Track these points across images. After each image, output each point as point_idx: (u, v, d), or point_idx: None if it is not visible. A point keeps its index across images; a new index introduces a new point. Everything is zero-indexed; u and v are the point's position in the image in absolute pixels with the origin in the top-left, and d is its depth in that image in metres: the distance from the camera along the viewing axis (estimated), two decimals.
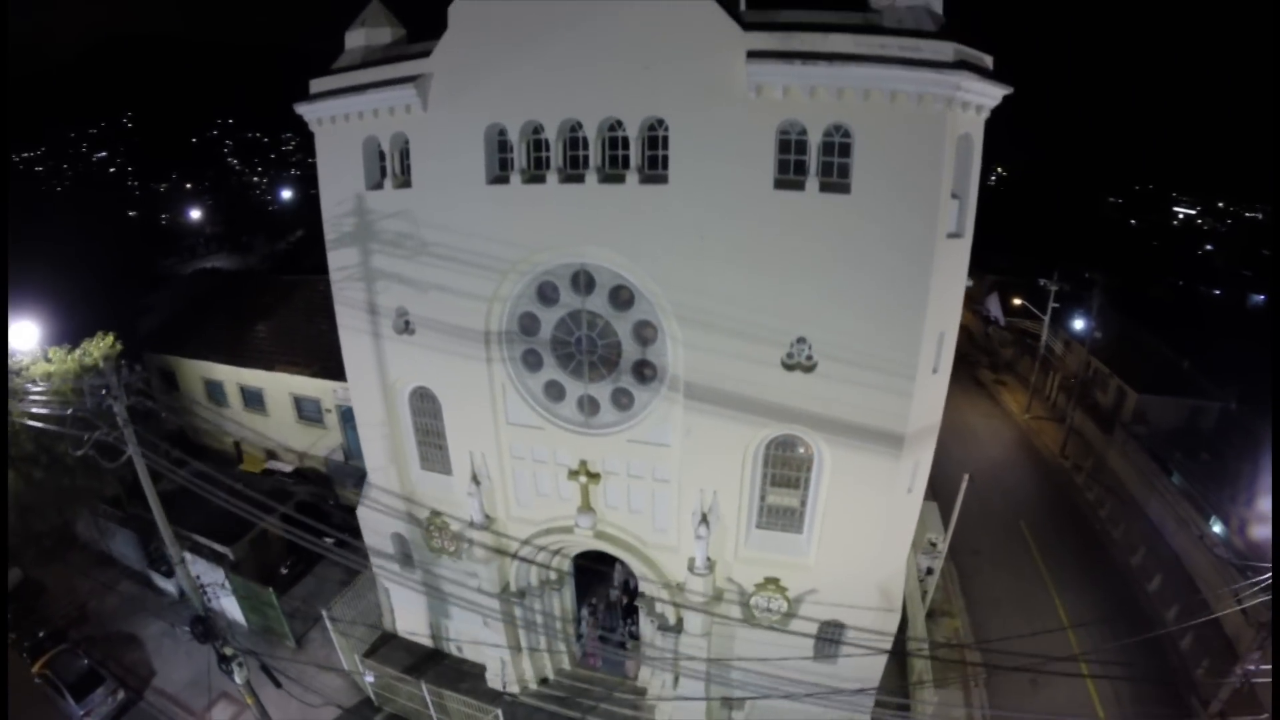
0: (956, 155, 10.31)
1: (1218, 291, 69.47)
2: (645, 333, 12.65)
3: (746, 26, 10.10)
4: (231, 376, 25.50)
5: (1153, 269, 72.50)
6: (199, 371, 26.49)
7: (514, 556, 15.49)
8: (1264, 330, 58.51)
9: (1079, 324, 31.87)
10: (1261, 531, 22.38)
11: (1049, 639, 21.08)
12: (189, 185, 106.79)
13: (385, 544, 17.38)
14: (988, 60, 10.38)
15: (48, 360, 21.16)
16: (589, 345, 13.11)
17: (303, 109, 13.23)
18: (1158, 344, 35.75)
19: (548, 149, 11.80)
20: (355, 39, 13.37)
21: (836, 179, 10.61)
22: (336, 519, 23.23)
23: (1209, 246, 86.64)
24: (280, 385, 24.51)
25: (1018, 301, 33.58)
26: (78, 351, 21.58)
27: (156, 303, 41.24)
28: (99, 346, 21.96)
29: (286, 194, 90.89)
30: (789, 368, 11.70)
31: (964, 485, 17.76)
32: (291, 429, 25.19)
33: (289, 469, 25.67)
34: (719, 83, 10.25)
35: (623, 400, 13.45)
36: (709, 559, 13.67)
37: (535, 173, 12.01)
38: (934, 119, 9.79)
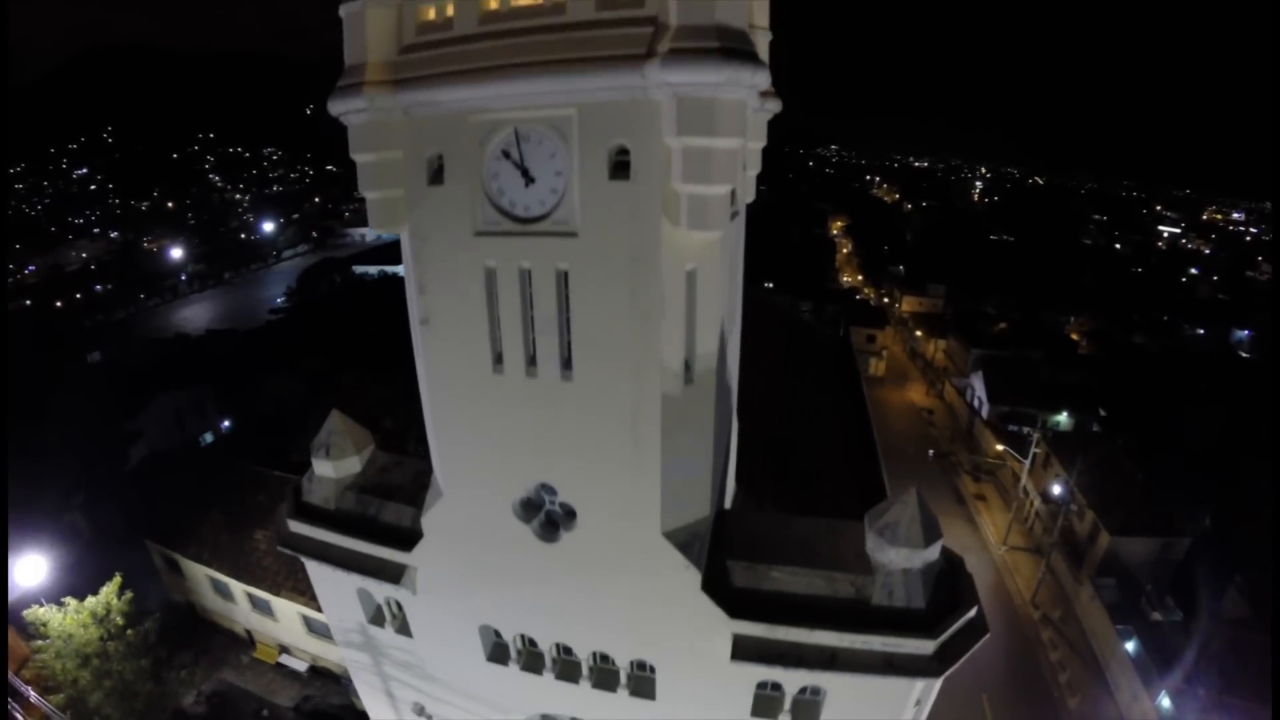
0: None
1: (1201, 331, 70.54)
2: None
3: (734, 608, 10.30)
4: (237, 584, 26.25)
5: (1137, 304, 73.52)
6: (203, 569, 27.20)
7: None
8: (1246, 391, 60.29)
9: (1057, 489, 32.90)
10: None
11: None
12: (170, 204, 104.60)
13: None
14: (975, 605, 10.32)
15: (60, 605, 22.13)
16: None
17: (290, 546, 13.01)
18: (1134, 470, 37.07)
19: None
20: (323, 469, 12.60)
21: (810, 699, 11.31)
22: None
23: (1194, 270, 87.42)
24: (288, 603, 25.27)
25: (1000, 447, 34.47)
26: (90, 602, 22.41)
27: (145, 424, 41.58)
28: (110, 594, 22.77)
29: (269, 226, 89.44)
30: None
31: None
32: (302, 637, 26.16)
33: (303, 667, 26.79)
34: (703, 650, 10.78)
35: None
36: None
37: (533, 651, 12.75)
38: (902, 686, 10.31)
